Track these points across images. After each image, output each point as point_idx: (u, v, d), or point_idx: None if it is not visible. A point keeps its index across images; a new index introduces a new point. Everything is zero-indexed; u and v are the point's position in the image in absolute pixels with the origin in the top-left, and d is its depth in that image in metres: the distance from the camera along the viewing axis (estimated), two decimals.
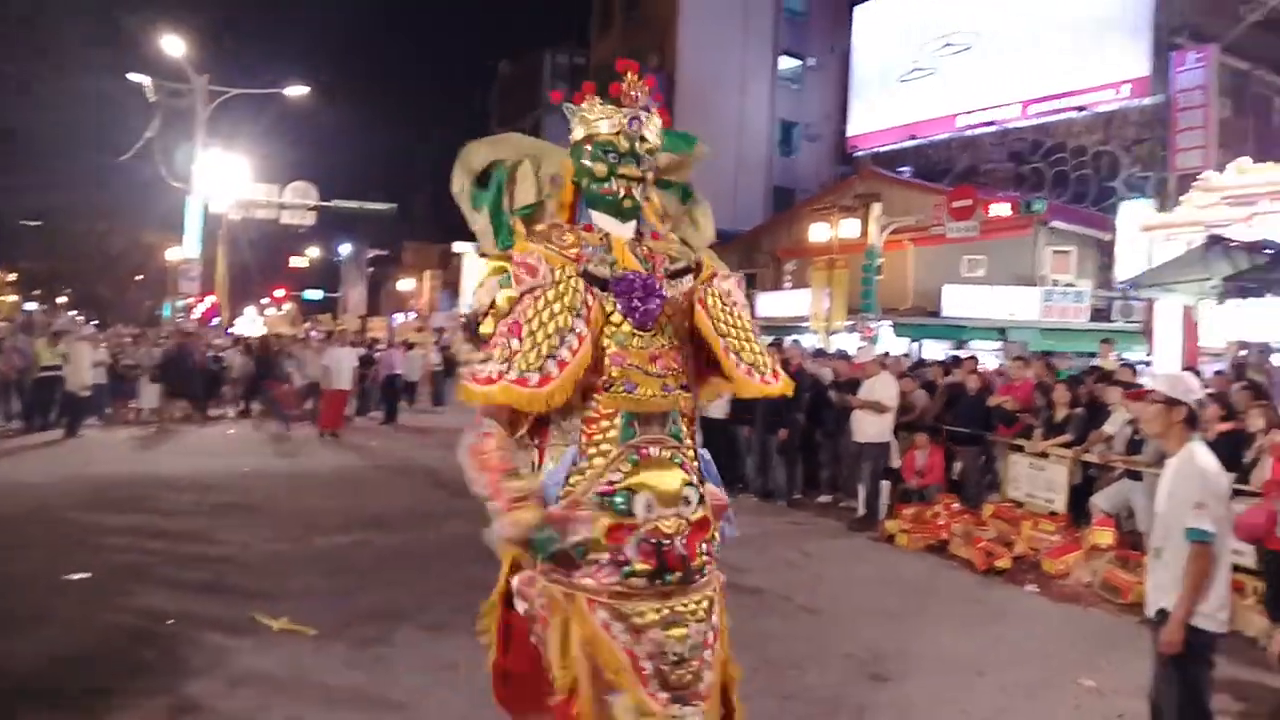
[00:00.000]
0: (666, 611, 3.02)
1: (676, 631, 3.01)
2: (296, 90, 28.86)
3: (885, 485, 10.83)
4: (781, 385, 3.37)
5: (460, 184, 3.53)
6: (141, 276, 54.85)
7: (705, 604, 3.11)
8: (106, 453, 14.21)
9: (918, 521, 9.71)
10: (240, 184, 28.36)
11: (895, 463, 11.03)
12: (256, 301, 63.38)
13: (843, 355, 14.26)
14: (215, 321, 31.09)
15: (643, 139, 3.27)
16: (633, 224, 3.36)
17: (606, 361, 3.08)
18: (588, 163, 3.28)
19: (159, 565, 7.67)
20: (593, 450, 3.08)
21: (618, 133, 3.24)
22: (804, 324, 25.61)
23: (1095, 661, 6.19)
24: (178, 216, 28.31)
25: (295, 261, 59.79)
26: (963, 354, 17.12)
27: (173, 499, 10.57)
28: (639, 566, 2.97)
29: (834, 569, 8.49)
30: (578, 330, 3.01)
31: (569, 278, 3.07)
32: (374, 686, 5.21)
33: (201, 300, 30.02)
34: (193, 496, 10.73)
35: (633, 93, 3.29)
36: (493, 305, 3.21)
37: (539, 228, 3.34)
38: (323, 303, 63.06)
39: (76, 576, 7.17)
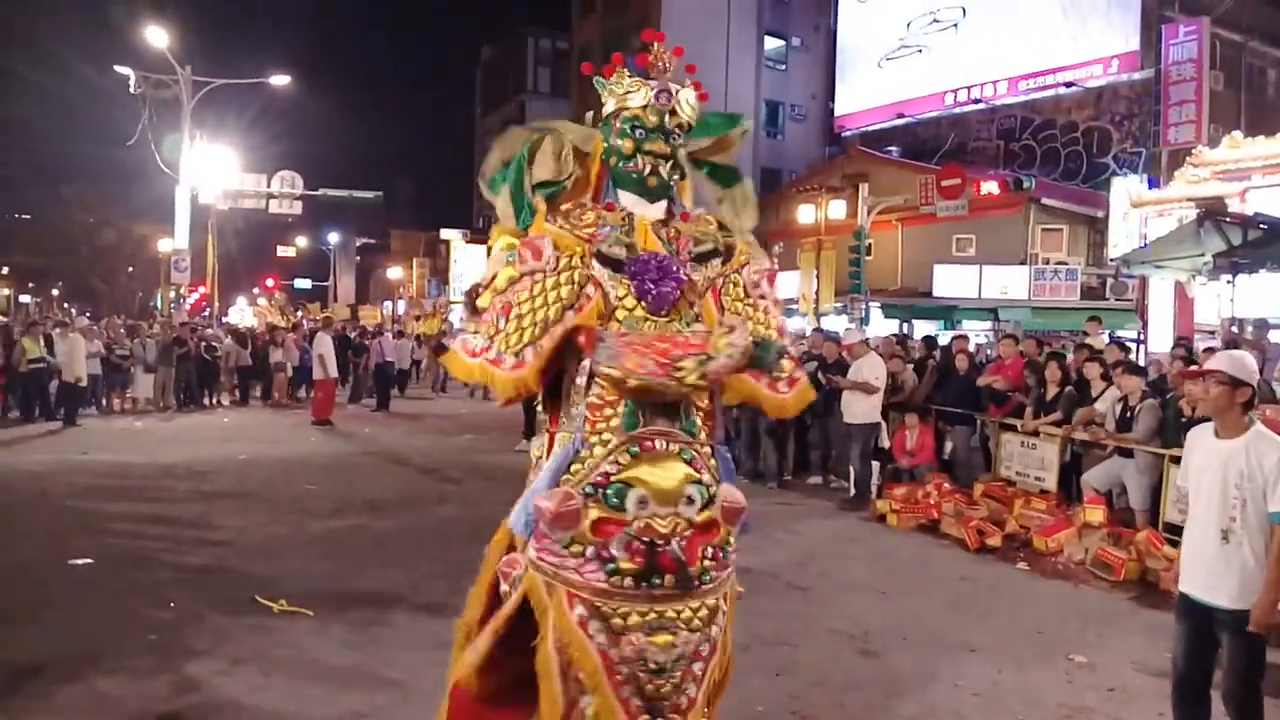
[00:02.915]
0: (653, 616, 2.83)
1: (661, 639, 2.82)
2: (280, 80, 28.86)
3: (875, 465, 10.90)
4: (793, 396, 3.18)
5: (485, 167, 3.39)
6: (133, 268, 54.75)
7: (704, 613, 2.91)
8: (104, 442, 14.23)
9: (908, 501, 9.74)
10: (227, 174, 28.32)
11: (885, 443, 11.09)
12: (247, 291, 63.37)
13: (831, 337, 14.26)
14: (206, 312, 31.06)
15: (673, 113, 3.12)
16: (662, 204, 3.20)
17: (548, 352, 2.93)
18: (615, 139, 3.15)
19: (159, 550, 7.73)
20: (594, 439, 2.92)
21: (644, 107, 3.10)
22: (793, 306, 25.66)
23: (1086, 637, 6.23)
24: (167, 208, 28.29)
25: (283, 251, 59.68)
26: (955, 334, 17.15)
27: (171, 486, 10.65)
28: (624, 565, 2.80)
29: (824, 548, 8.54)
30: (565, 323, 2.90)
31: (573, 267, 2.96)
32: (371, 665, 5.26)
33: (194, 290, 29.96)
34: (190, 484, 10.79)
35: (660, 64, 3.16)
36: (493, 279, 3.07)
37: (563, 207, 3.17)
38: (312, 291, 62.98)
39: (79, 562, 7.23)
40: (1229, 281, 13.02)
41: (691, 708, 2.92)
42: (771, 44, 42.08)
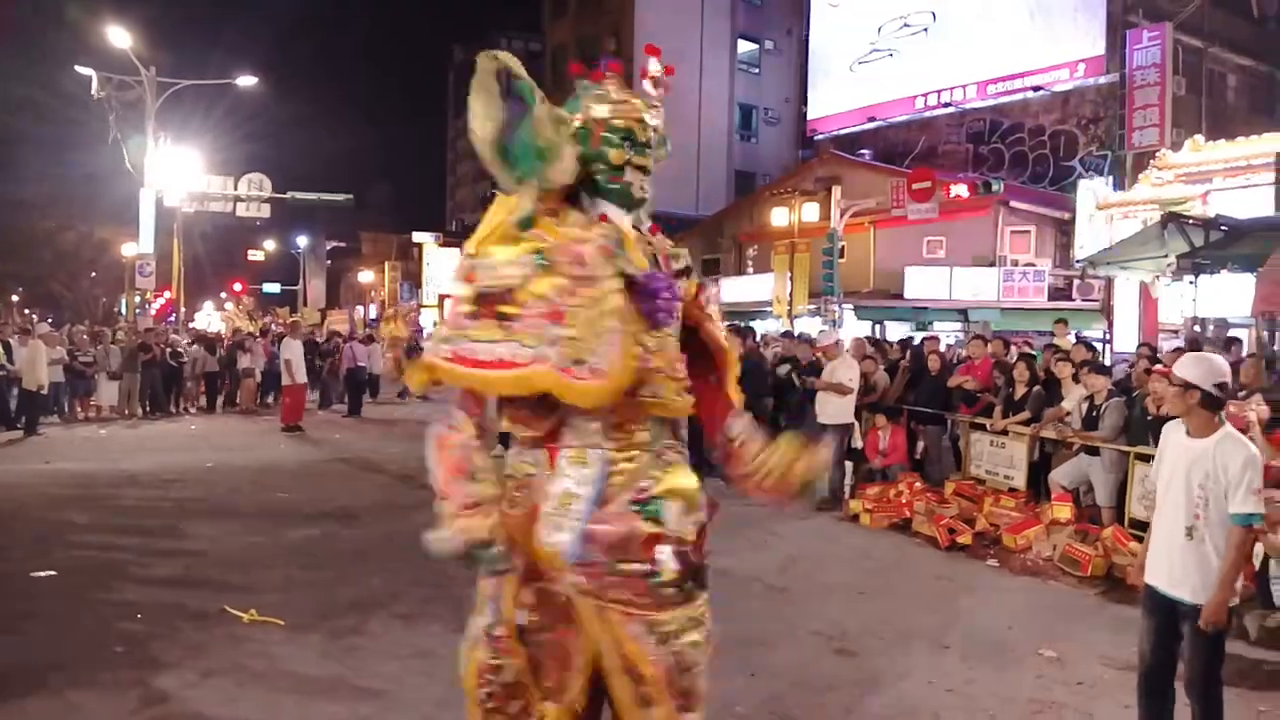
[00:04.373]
0: (686, 620, 2.89)
1: (692, 637, 2.90)
2: (247, 81, 28.65)
3: (848, 466, 10.96)
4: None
5: (481, 132, 2.93)
6: (96, 273, 54.05)
7: (705, 606, 2.99)
8: (68, 451, 14.07)
9: (881, 500, 9.82)
10: (193, 177, 27.97)
11: (858, 443, 11.15)
12: (215, 295, 62.79)
13: (805, 339, 14.38)
14: (172, 317, 30.76)
15: (655, 129, 3.10)
16: (631, 217, 3.12)
17: (635, 364, 2.87)
18: (605, 148, 3.02)
19: (127, 561, 7.63)
20: (621, 456, 2.92)
21: (639, 120, 3.05)
22: (766, 308, 25.74)
23: (1055, 632, 6.30)
24: (131, 211, 27.93)
25: (253, 255, 59.13)
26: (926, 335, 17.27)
27: (138, 495, 10.52)
28: (667, 576, 2.83)
29: (800, 549, 8.57)
30: (619, 332, 2.80)
31: (611, 275, 2.85)
32: (349, 675, 5.21)
33: (159, 295, 29.65)
34: (158, 492, 10.67)
35: (659, 80, 3.18)
36: (522, 285, 2.82)
37: (548, 211, 2.98)
38: (281, 296, 62.46)
39: (45, 574, 7.13)
40: (1191, 282, 13.21)
41: (702, 696, 2.97)
42: (744, 48, 42.30)
